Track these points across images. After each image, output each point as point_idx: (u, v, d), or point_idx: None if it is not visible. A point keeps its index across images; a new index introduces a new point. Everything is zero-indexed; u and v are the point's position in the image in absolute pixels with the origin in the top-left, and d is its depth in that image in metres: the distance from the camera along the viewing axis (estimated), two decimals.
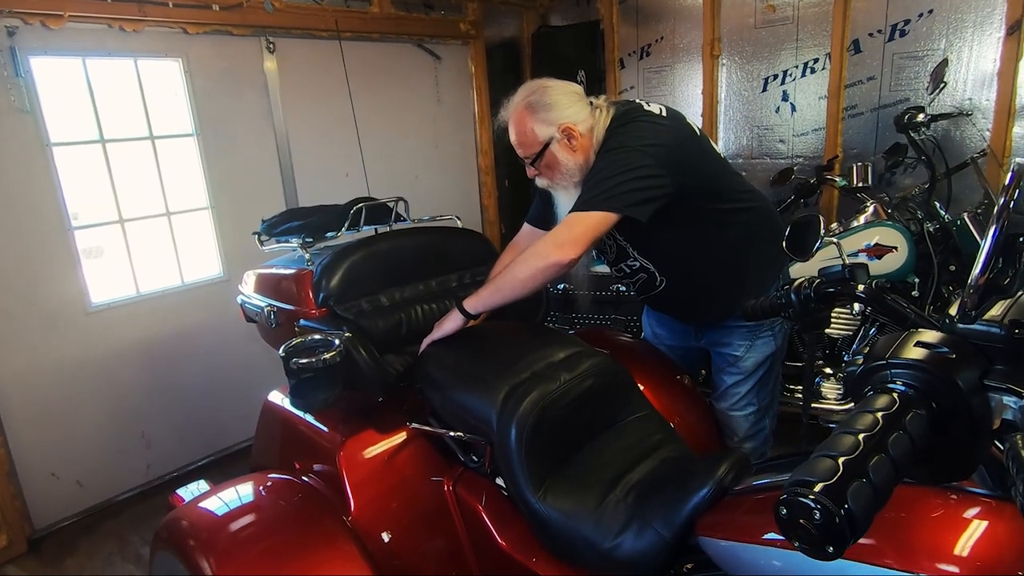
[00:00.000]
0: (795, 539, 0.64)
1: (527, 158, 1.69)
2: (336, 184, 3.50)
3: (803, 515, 0.62)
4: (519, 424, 1.34)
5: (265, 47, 3.20)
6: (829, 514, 0.60)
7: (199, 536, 1.37)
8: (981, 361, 0.68)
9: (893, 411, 0.64)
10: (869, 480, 0.60)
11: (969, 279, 0.67)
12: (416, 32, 3.85)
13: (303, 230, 1.97)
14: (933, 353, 0.68)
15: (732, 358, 1.82)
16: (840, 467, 0.61)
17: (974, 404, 0.68)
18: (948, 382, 0.67)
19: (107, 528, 2.79)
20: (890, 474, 0.61)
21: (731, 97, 3.73)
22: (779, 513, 0.64)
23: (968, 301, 0.67)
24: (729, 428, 1.88)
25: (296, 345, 1.51)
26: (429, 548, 1.50)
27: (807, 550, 0.64)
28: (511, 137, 1.70)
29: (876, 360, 0.71)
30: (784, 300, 1.13)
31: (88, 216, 2.83)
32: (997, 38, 2.82)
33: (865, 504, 0.61)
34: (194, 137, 3.04)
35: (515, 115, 1.66)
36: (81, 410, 2.78)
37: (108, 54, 2.76)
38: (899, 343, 0.71)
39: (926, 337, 0.70)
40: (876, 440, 0.62)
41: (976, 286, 0.66)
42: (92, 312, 2.79)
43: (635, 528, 1.20)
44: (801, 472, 0.64)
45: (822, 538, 0.62)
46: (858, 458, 0.62)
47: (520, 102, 1.66)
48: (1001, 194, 0.68)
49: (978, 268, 0.66)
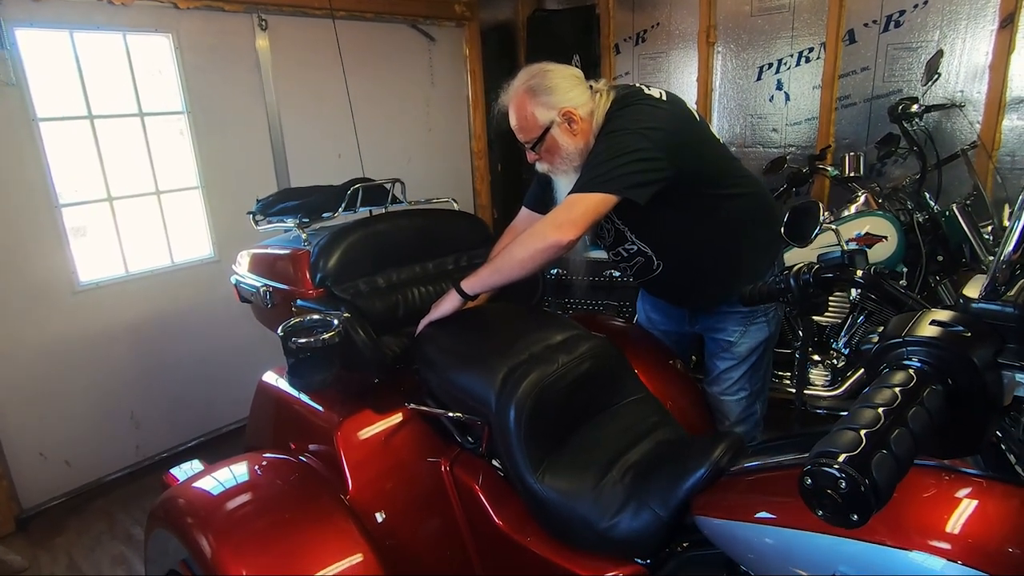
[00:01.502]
0: (819, 508, 0.66)
1: (527, 142, 1.68)
2: (329, 165, 3.46)
3: (828, 485, 0.63)
4: (518, 405, 1.35)
5: (257, 24, 3.15)
6: (855, 483, 0.62)
7: (197, 514, 1.37)
8: (995, 340, 0.70)
9: (911, 386, 0.66)
10: (891, 452, 0.62)
11: (1000, 255, 0.69)
12: (411, 12, 3.80)
13: (299, 210, 1.95)
14: (948, 331, 0.70)
15: (726, 343, 1.84)
16: (863, 439, 0.63)
17: (988, 381, 0.70)
18: (964, 359, 0.69)
19: (96, 508, 2.78)
20: (910, 446, 0.63)
21: (726, 85, 3.73)
22: (803, 484, 0.66)
23: (1000, 276, 0.69)
24: (721, 412, 1.91)
25: (295, 325, 1.50)
26: (426, 528, 1.51)
27: (831, 519, 0.65)
28: (511, 122, 1.68)
29: (892, 338, 0.73)
30: (783, 285, 1.15)
31: (76, 194, 2.78)
32: (990, 31, 2.85)
33: (888, 474, 0.62)
34: (184, 115, 2.99)
35: (516, 99, 1.65)
36: (69, 390, 2.75)
37: (96, 27, 2.70)
38: (914, 322, 0.72)
39: (941, 316, 0.72)
40: (896, 414, 0.64)
41: (1009, 262, 0.68)
42: (80, 291, 2.75)
43: (632, 508, 1.22)
44: (825, 444, 0.65)
45: (847, 507, 0.63)
46: (880, 431, 0.64)
47: (520, 86, 1.64)
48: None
49: (1011, 245, 0.68)
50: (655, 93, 1.63)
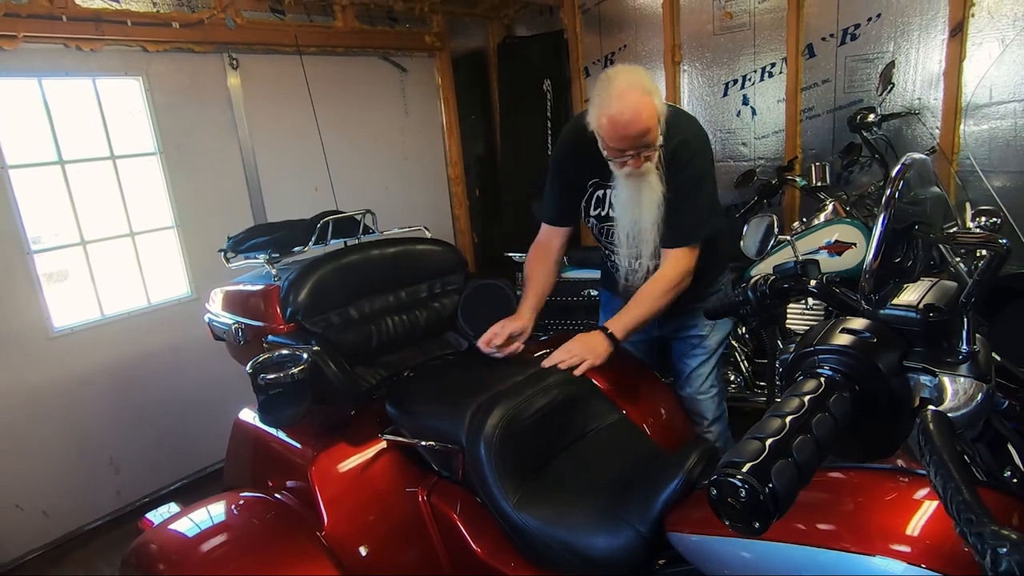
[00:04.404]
0: (725, 518, 0.67)
1: (651, 144, 1.61)
2: (305, 198, 3.48)
3: (731, 494, 0.65)
4: (487, 438, 1.38)
5: (228, 63, 3.18)
6: (754, 492, 0.63)
7: (169, 559, 1.34)
8: (901, 344, 0.72)
9: (819, 394, 0.68)
10: (793, 459, 0.63)
11: (864, 265, 0.71)
12: (381, 45, 3.86)
13: (269, 245, 1.95)
14: (857, 339, 0.72)
15: (697, 339, 1.92)
16: (766, 448, 0.65)
17: (894, 385, 0.73)
18: (870, 365, 0.71)
19: (76, 558, 2.71)
20: (813, 453, 0.65)
21: (694, 102, 3.81)
22: (710, 494, 0.67)
23: (866, 285, 0.71)
24: (697, 413, 1.94)
25: (263, 361, 1.49)
26: (405, 559, 1.50)
27: (737, 527, 0.67)
28: (630, 129, 1.57)
29: (806, 347, 0.75)
30: (741, 297, 1.17)
31: (50, 239, 2.77)
32: (941, 40, 2.94)
33: (789, 481, 0.64)
34: (157, 155, 3.00)
35: (640, 103, 1.55)
36: (46, 438, 2.71)
37: (65, 74, 2.72)
38: (827, 330, 0.75)
39: (851, 324, 0.74)
40: (802, 422, 0.65)
41: (871, 271, 0.70)
42: (55, 337, 2.72)
43: (611, 526, 1.21)
44: (731, 454, 0.67)
45: (748, 515, 0.65)
46: (783, 439, 0.66)
47: (635, 87, 1.56)
48: (887, 185, 0.72)
49: (870, 254, 0.70)
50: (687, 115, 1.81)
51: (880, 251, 0.68)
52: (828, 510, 0.90)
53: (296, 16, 3.42)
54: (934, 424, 0.65)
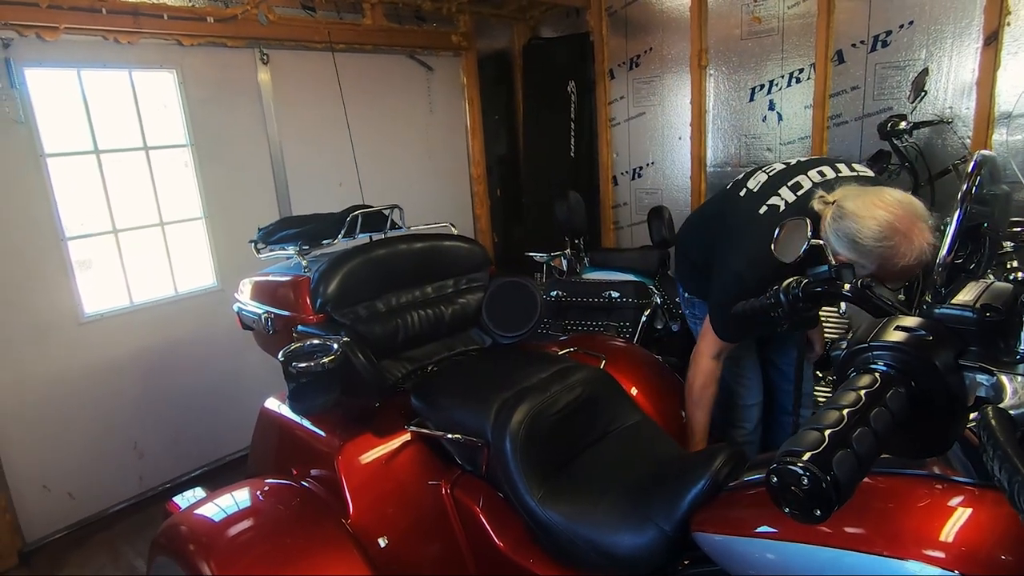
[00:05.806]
0: (785, 505, 0.68)
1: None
2: (330, 193, 3.52)
3: (793, 482, 0.65)
4: (512, 433, 1.39)
5: (259, 58, 3.23)
6: (816, 480, 0.64)
7: (199, 540, 1.37)
8: (957, 342, 0.72)
9: (875, 389, 0.68)
10: (853, 450, 0.64)
11: (937, 260, 0.71)
12: (409, 44, 3.89)
13: (299, 237, 1.98)
14: (912, 336, 0.72)
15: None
16: (826, 438, 0.65)
17: (950, 382, 0.73)
18: (926, 362, 0.71)
19: (99, 540, 2.77)
20: (872, 445, 0.65)
21: (719, 107, 3.79)
22: (770, 482, 0.68)
23: (937, 279, 0.71)
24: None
25: (295, 349, 1.52)
26: (427, 551, 1.51)
27: (796, 515, 0.67)
28: (923, 256, 1.52)
29: (859, 344, 0.75)
30: (773, 300, 1.17)
31: (82, 227, 2.83)
32: (975, 48, 2.90)
33: (849, 471, 0.65)
34: (188, 147, 3.06)
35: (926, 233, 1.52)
36: (73, 421, 2.77)
37: (103, 65, 2.78)
38: (880, 327, 0.75)
39: (905, 322, 0.74)
40: (859, 415, 0.66)
41: (944, 265, 0.70)
42: (85, 322, 2.78)
43: (636, 524, 1.22)
44: (790, 444, 0.68)
45: (810, 502, 0.65)
46: (842, 430, 0.66)
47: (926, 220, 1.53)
48: (964, 180, 0.72)
49: (944, 249, 0.70)
50: None
51: (954, 246, 0.68)
52: (858, 514, 0.90)
53: (327, 13, 3.47)
54: (996, 420, 0.65)
